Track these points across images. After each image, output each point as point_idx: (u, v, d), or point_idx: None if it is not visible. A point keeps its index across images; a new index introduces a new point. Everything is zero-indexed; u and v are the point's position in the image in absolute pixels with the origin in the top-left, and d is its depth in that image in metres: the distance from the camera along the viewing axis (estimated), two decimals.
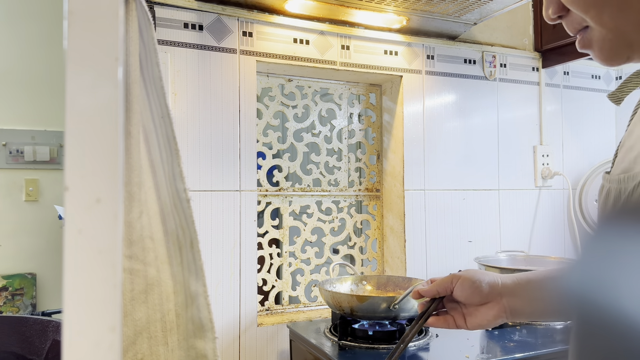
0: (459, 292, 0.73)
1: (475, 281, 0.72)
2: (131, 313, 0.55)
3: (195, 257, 0.58)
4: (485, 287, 0.72)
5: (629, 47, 0.49)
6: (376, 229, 1.65)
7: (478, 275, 0.73)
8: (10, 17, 1.49)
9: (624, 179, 0.48)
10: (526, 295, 0.71)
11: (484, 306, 0.72)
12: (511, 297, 0.71)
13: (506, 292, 0.71)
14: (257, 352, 1.35)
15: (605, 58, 0.50)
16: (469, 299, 0.72)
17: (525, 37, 1.77)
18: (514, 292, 0.71)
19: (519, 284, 0.72)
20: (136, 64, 0.52)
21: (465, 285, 0.72)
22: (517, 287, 0.71)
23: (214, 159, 1.31)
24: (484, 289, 0.71)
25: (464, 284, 0.72)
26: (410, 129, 1.56)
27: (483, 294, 0.71)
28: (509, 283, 0.72)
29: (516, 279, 0.72)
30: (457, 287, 0.73)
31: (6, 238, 1.46)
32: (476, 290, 0.72)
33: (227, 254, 1.32)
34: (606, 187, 0.53)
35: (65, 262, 0.30)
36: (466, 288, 0.72)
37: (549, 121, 1.80)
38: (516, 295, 0.71)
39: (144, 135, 0.55)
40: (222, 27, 1.33)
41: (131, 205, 0.54)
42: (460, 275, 0.74)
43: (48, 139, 1.50)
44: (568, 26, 0.52)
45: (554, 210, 1.79)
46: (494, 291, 0.72)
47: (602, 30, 0.49)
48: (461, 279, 0.73)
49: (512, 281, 0.72)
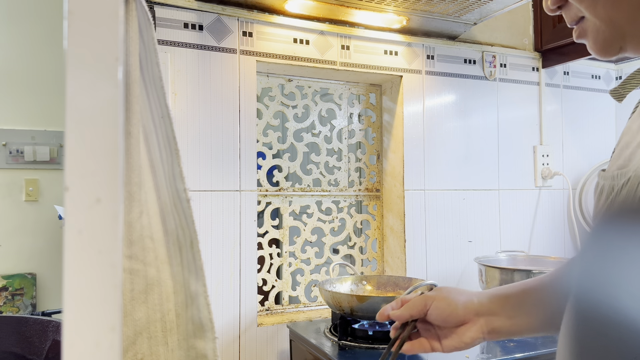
0: (434, 314, 0.67)
1: (450, 303, 0.67)
2: (131, 313, 0.55)
3: (195, 257, 0.58)
4: (461, 308, 0.67)
5: (622, 39, 0.49)
6: (376, 229, 1.65)
7: (453, 296, 0.69)
8: (10, 17, 1.49)
9: (616, 175, 0.48)
10: (505, 312, 0.67)
11: (460, 327, 0.68)
12: (489, 316, 0.67)
13: (483, 311, 0.67)
14: (257, 352, 1.35)
15: (599, 49, 0.51)
16: (445, 320, 0.67)
17: (525, 37, 1.77)
18: (492, 311, 0.67)
19: (496, 302, 0.68)
20: (136, 64, 0.52)
21: (440, 306, 0.67)
22: (495, 305, 0.68)
23: (214, 159, 1.31)
24: (460, 310, 0.67)
25: (439, 306, 0.67)
26: (410, 129, 1.56)
27: (459, 316, 0.67)
28: (485, 301, 0.68)
29: (493, 296, 0.69)
30: (432, 310, 0.68)
31: (6, 238, 1.46)
32: (452, 313, 0.67)
33: (227, 254, 1.32)
34: (600, 185, 0.53)
35: (65, 262, 0.30)
36: (442, 310, 0.67)
37: (549, 121, 1.80)
38: (494, 314, 0.67)
39: (144, 135, 0.55)
40: (222, 27, 1.33)
41: (131, 205, 0.54)
42: (434, 296, 0.69)
43: (48, 139, 1.50)
44: (566, 16, 0.53)
45: (554, 210, 1.79)
46: (471, 311, 0.67)
47: (595, 21, 0.49)
48: (436, 301, 0.68)
49: (489, 299, 0.68)
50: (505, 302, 0.68)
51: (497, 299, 0.68)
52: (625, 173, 0.46)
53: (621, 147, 0.52)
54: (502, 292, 0.69)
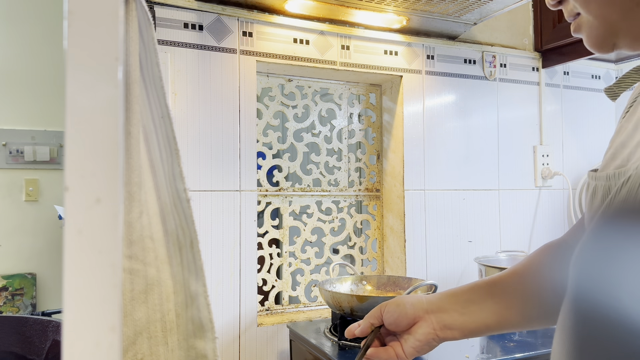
0: (387, 319, 0.70)
1: (400, 304, 0.70)
2: (131, 313, 0.55)
3: (195, 257, 0.58)
4: (409, 307, 0.69)
5: (615, 35, 0.49)
6: (376, 229, 1.65)
7: (402, 299, 0.71)
8: (10, 17, 1.49)
9: (614, 175, 0.48)
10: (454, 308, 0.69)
11: (413, 327, 0.69)
12: (439, 312, 0.69)
13: (432, 308, 0.69)
14: (257, 352, 1.35)
15: (593, 44, 0.51)
16: (396, 322, 0.69)
17: (525, 37, 1.77)
18: (441, 308, 0.69)
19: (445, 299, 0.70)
20: (136, 64, 0.52)
21: (390, 309, 0.70)
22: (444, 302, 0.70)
23: (214, 159, 1.31)
24: (408, 309, 0.69)
25: (389, 309, 0.70)
26: (410, 129, 1.56)
27: (409, 315, 0.69)
28: (434, 299, 0.70)
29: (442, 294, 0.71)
30: (384, 315, 0.70)
31: (6, 238, 1.46)
32: (401, 313, 0.69)
33: (227, 254, 1.32)
34: (592, 185, 0.52)
35: (65, 262, 0.30)
36: (392, 312, 0.70)
37: (549, 121, 1.80)
38: (444, 311, 0.69)
39: (144, 135, 0.55)
40: (222, 27, 1.33)
41: (131, 205, 0.54)
42: (387, 302, 0.72)
43: (48, 139, 1.50)
44: (565, 12, 0.54)
45: (554, 210, 1.79)
46: (419, 309, 0.69)
47: (589, 17, 0.50)
48: (387, 305, 0.71)
49: (437, 297, 0.71)
50: (454, 298, 0.70)
51: (446, 296, 0.70)
52: (624, 172, 0.46)
53: (616, 147, 0.52)
54: (451, 290, 0.72)
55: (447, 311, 0.69)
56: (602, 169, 0.53)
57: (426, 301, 0.70)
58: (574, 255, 0.51)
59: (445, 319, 0.69)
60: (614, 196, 0.46)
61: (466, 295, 0.70)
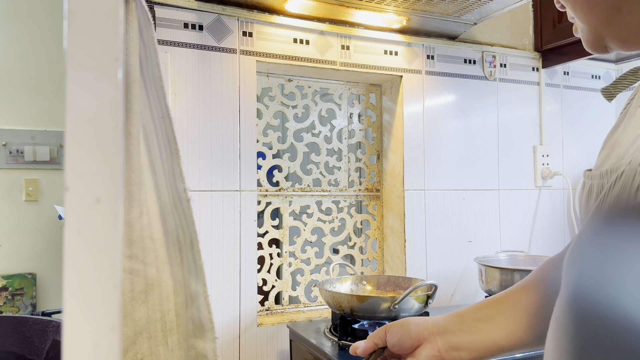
0: (391, 340, 0.69)
1: (403, 324, 0.69)
2: (131, 313, 0.55)
3: (195, 257, 0.58)
4: (413, 327, 0.68)
5: (602, 39, 0.52)
6: (376, 229, 1.65)
7: (407, 320, 0.70)
8: (10, 17, 1.49)
9: (606, 172, 0.48)
10: (461, 328, 0.67)
11: (417, 349, 0.68)
12: (445, 334, 0.67)
13: (438, 330, 0.68)
14: (257, 352, 1.35)
15: (586, 45, 0.54)
16: (400, 343, 0.68)
17: (525, 37, 1.77)
18: (447, 329, 0.68)
19: (451, 319, 0.69)
20: (136, 64, 0.52)
21: (394, 330, 0.69)
22: (450, 323, 0.68)
23: (214, 159, 1.31)
24: (412, 330, 0.68)
25: (393, 330, 0.69)
26: (410, 129, 1.56)
27: (413, 336, 0.67)
28: (440, 321, 0.69)
29: (448, 315, 0.70)
30: (388, 336, 0.69)
31: (6, 238, 1.46)
32: (405, 334, 0.68)
33: (227, 254, 1.32)
34: (587, 184, 0.52)
35: (65, 262, 0.30)
36: (395, 333, 0.69)
37: (549, 121, 1.80)
38: (450, 332, 0.67)
39: (144, 135, 0.55)
40: (222, 27, 1.33)
41: (131, 205, 0.54)
42: (392, 323, 0.71)
43: (48, 139, 1.51)
44: (568, 14, 0.56)
45: (554, 210, 1.79)
46: (424, 329, 0.68)
47: (579, 22, 0.53)
48: (392, 327, 0.70)
49: (443, 318, 0.69)
50: (460, 318, 0.68)
51: (452, 317, 0.69)
52: (617, 168, 0.46)
53: (610, 145, 0.52)
54: (457, 311, 0.70)
55: (454, 332, 0.67)
56: (597, 167, 0.53)
57: (432, 322, 0.69)
58: (568, 254, 0.51)
59: (452, 340, 0.67)
60: (607, 192, 0.46)
61: (473, 314, 0.68)
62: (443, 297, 1.59)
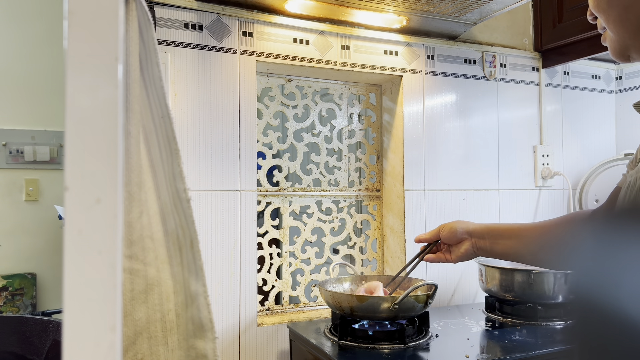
0: (443, 236, 1.07)
1: (452, 227, 1.05)
2: (131, 313, 0.55)
3: (195, 257, 0.58)
4: (459, 230, 1.04)
5: (628, 49, 0.63)
6: (376, 229, 1.65)
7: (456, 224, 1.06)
8: (10, 17, 1.49)
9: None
10: (488, 237, 1.01)
11: (459, 243, 1.05)
12: (478, 238, 1.03)
13: (475, 234, 1.03)
14: (257, 352, 1.35)
15: (612, 53, 0.66)
16: (448, 239, 1.06)
17: (525, 37, 1.77)
18: (480, 234, 1.02)
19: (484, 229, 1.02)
20: (136, 64, 0.52)
21: (446, 230, 1.07)
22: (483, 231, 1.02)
23: (214, 159, 1.31)
24: (459, 232, 1.04)
25: (444, 230, 1.07)
26: (410, 129, 1.56)
27: (458, 236, 1.05)
28: (477, 228, 1.03)
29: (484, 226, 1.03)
30: (442, 233, 1.07)
31: (6, 238, 1.46)
32: (453, 234, 1.05)
33: (227, 254, 1.32)
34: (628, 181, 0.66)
35: (65, 262, 0.30)
36: (446, 232, 1.06)
37: (549, 121, 1.80)
38: (481, 237, 1.02)
39: (144, 135, 0.55)
40: (222, 27, 1.33)
41: (131, 205, 0.54)
42: (444, 225, 1.08)
43: (48, 139, 1.51)
44: (598, 25, 0.68)
45: (554, 210, 1.79)
46: (466, 233, 1.04)
47: (610, 32, 0.65)
48: (444, 228, 1.07)
49: (480, 226, 1.03)
50: (490, 231, 1.02)
51: (486, 228, 1.03)
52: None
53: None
54: (492, 225, 1.04)
55: (484, 239, 1.02)
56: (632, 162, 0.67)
57: (472, 228, 1.04)
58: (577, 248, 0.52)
59: (480, 244, 1.02)
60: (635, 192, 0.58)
61: (499, 230, 1.01)
62: (443, 297, 1.59)
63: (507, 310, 1.40)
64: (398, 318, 1.16)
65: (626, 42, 0.62)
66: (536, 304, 1.33)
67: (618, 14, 0.61)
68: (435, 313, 1.42)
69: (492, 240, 1.00)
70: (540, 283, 1.34)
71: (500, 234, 1.00)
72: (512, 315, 1.38)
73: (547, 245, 0.92)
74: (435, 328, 1.28)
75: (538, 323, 1.32)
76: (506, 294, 1.38)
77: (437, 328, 1.29)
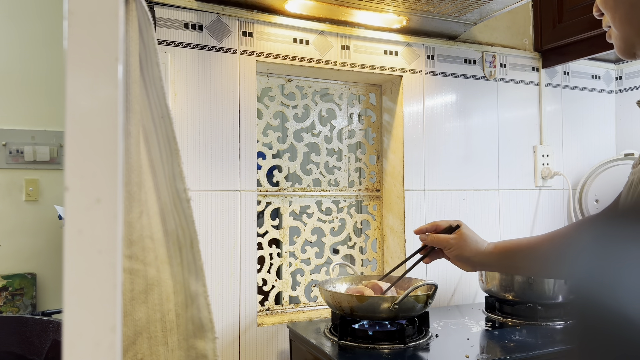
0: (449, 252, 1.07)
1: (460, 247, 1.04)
2: (131, 313, 0.55)
3: (195, 257, 0.58)
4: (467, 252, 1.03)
5: (633, 47, 0.64)
6: (376, 229, 1.65)
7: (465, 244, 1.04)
8: (10, 17, 1.49)
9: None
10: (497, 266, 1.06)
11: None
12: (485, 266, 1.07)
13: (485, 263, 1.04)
14: (257, 352, 1.35)
15: (617, 51, 0.67)
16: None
17: (525, 37, 1.77)
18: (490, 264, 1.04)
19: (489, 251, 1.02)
20: (136, 64, 0.52)
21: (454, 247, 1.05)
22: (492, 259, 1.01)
23: (214, 159, 1.31)
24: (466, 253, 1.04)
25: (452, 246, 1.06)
26: (410, 129, 1.56)
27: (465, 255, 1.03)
28: (481, 250, 1.03)
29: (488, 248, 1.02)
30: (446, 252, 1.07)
31: (6, 238, 1.46)
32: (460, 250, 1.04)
33: (227, 254, 1.32)
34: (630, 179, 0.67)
35: (65, 262, 0.30)
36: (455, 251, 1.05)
37: (549, 121, 1.80)
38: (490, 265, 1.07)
39: (144, 135, 0.55)
40: (222, 27, 1.33)
41: (131, 205, 0.54)
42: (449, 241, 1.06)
43: (48, 139, 1.51)
44: (603, 22, 0.69)
45: (554, 210, 1.79)
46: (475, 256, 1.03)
47: (615, 30, 0.66)
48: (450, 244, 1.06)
49: (484, 249, 1.03)
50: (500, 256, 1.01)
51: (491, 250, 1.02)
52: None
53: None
54: (496, 246, 1.02)
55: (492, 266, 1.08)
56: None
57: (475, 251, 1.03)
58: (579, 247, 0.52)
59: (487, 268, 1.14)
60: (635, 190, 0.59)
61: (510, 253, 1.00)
62: (443, 297, 1.59)
63: (507, 311, 1.40)
64: (398, 318, 1.16)
65: (632, 39, 0.63)
66: (536, 304, 1.33)
67: (625, 12, 0.62)
68: (435, 313, 1.42)
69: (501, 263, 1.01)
70: (540, 283, 1.34)
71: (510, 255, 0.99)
72: (512, 315, 1.38)
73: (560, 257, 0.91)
74: (435, 328, 1.28)
75: (538, 323, 1.32)
76: (506, 294, 1.38)
77: (437, 328, 1.29)
